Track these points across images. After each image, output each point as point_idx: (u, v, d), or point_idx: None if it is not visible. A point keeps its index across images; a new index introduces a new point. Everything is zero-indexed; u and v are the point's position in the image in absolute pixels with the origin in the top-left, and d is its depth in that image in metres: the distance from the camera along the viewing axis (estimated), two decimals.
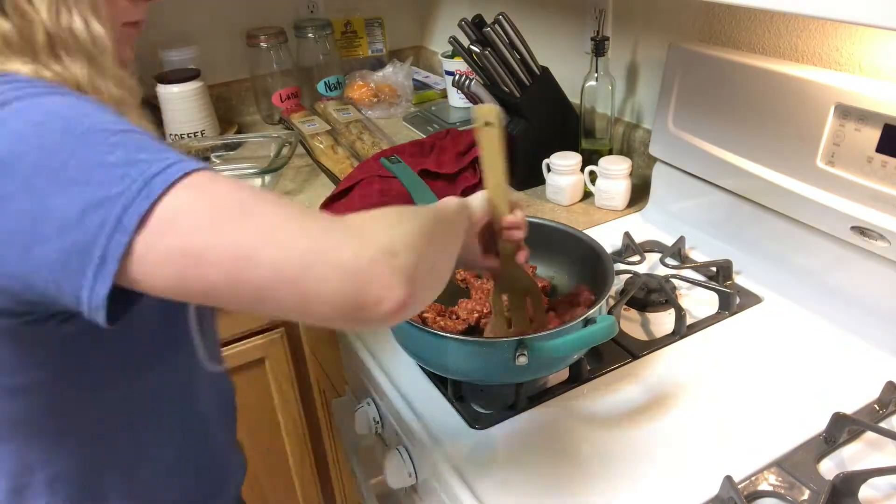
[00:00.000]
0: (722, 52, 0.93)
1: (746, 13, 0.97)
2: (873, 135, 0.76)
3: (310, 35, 1.68)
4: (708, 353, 0.82)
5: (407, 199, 1.21)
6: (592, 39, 1.12)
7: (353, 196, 1.19)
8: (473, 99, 1.20)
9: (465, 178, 1.23)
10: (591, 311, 0.70)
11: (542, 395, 0.77)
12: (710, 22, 1.03)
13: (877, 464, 0.65)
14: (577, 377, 0.79)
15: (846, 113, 0.78)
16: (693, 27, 1.07)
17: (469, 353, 0.70)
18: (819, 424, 0.69)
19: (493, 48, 1.10)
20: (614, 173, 1.12)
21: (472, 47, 1.12)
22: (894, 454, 0.67)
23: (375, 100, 1.68)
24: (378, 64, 1.82)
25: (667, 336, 0.85)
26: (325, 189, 1.30)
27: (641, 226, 1.10)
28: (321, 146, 1.45)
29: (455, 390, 0.77)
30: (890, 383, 0.72)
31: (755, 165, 0.90)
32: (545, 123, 1.19)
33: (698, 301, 0.91)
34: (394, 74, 1.72)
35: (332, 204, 1.20)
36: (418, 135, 1.53)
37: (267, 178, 1.28)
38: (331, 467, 1.38)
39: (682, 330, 0.84)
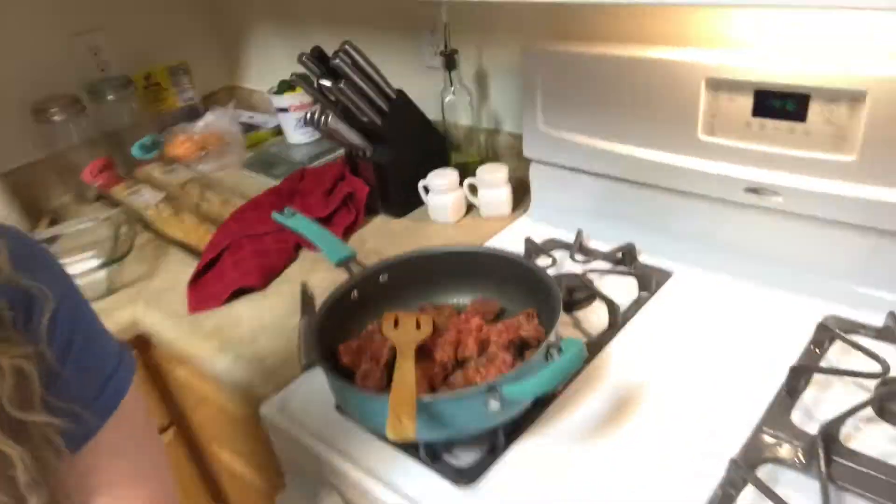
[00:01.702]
0: (580, 47, 0.95)
1: (592, 7, 1.00)
2: (746, 102, 0.81)
3: (109, 97, 1.49)
4: (649, 339, 0.82)
5: (287, 253, 1.11)
6: (442, 54, 1.09)
7: (224, 265, 1.07)
8: (332, 135, 1.12)
9: (342, 216, 1.16)
10: (550, 339, 0.67)
11: (516, 429, 0.73)
12: (556, 19, 1.05)
13: (833, 401, 0.69)
14: (541, 399, 0.76)
15: (717, 85, 0.83)
16: (535, 26, 1.09)
17: (439, 412, 0.64)
18: (773, 380, 0.72)
19: (347, 80, 1.04)
20: (494, 182, 1.11)
21: (322, 82, 1.05)
22: (843, 389, 0.72)
23: (203, 153, 1.53)
24: (194, 113, 1.66)
25: (605, 332, 0.84)
26: (184, 265, 1.16)
27: (533, 227, 1.09)
28: (162, 216, 1.29)
29: (428, 451, 0.70)
30: (820, 325, 0.77)
31: (637, 149, 0.93)
32: (412, 146, 1.15)
33: (615, 288, 0.92)
34: (217, 121, 1.57)
35: (201, 279, 1.06)
36: (266, 180, 1.42)
37: (114, 267, 1.10)
38: None
39: (618, 321, 0.85)
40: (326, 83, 1.04)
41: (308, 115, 1.10)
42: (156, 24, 1.63)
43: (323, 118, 1.08)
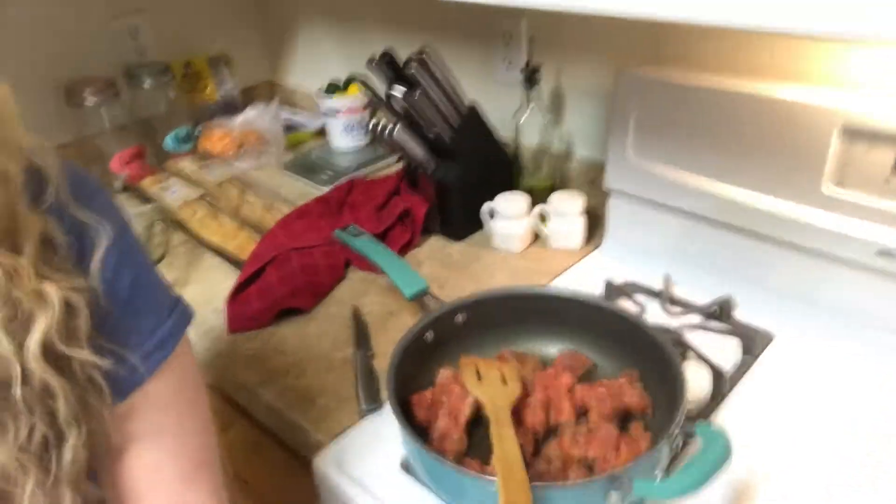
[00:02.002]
0: (688, 76, 0.86)
1: (699, 31, 0.91)
2: (888, 155, 0.71)
3: (146, 83, 1.40)
4: (760, 414, 0.73)
5: (338, 271, 1.01)
6: (522, 71, 1.00)
7: (269, 280, 0.97)
8: (394, 147, 1.03)
9: (397, 235, 1.06)
10: (677, 423, 0.57)
11: None
12: (654, 42, 0.96)
13: None
14: None
15: (853, 134, 0.73)
16: (628, 47, 0.99)
17: (546, 499, 0.54)
18: None
19: (421, 89, 0.94)
20: (569, 211, 1.01)
21: (393, 91, 0.95)
22: None
23: (241, 150, 1.44)
24: (231, 107, 1.57)
25: (709, 402, 0.74)
26: (220, 273, 1.06)
27: (607, 265, 0.99)
28: (196, 216, 1.19)
29: None
30: None
31: (744, 192, 0.83)
32: (479, 165, 1.06)
33: (712, 348, 0.82)
34: (258, 118, 1.47)
35: (242, 294, 0.97)
36: (307, 186, 1.32)
37: None
38: None
39: (724, 390, 0.75)
40: (398, 92, 0.94)
41: (373, 124, 1.00)
42: (198, 10, 1.54)
43: (389, 128, 0.98)
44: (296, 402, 0.79)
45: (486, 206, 1.05)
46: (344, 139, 1.40)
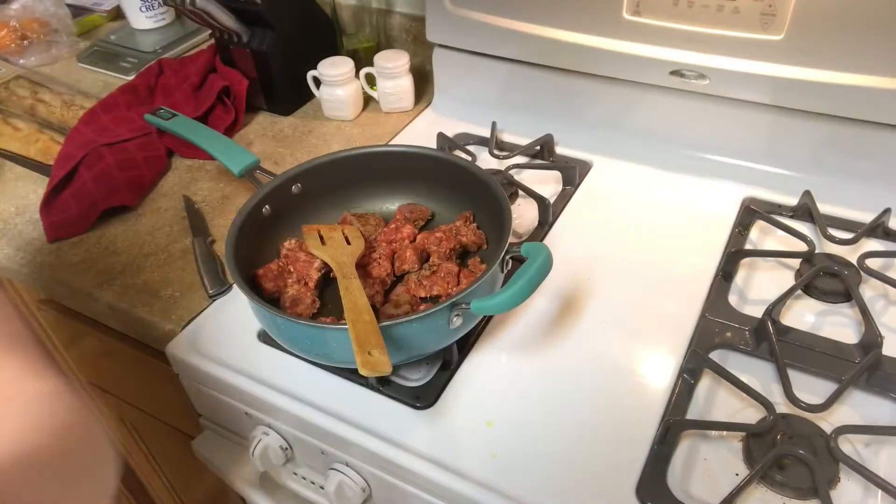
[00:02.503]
0: None
1: None
2: None
3: None
4: (581, 234, 0.80)
5: (160, 163, 0.95)
6: None
7: (83, 181, 0.90)
8: (202, 18, 0.95)
9: (219, 116, 1.01)
10: (505, 248, 0.62)
11: (465, 340, 0.68)
12: None
13: (760, 281, 0.72)
14: None
15: None
16: None
17: (397, 335, 0.58)
18: (706, 264, 0.74)
19: None
20: (396, 71, 1.00)
21: None
22: (767, 268, 0.74)
23: (25, 42, 1.26)
24: None
25: (536, 230, 0.81)
26: (27, 183, 0.97)
27: (440, 121, 1.01)
28: None
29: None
30: (743, 207, 0.79)
31: (555, 30, 0.87)
32: (297, 29, 1.00)
33: (537, 183, 0.88)
34: (38, 3, 1.29)
35: (56, 200, 0.89)
36: (112, 76, 1.20)
37: None
38: None
39: (549, 218, 0.81)
40: None
41: None
42: None
43: None
44: (138, 298, 0.77)
45: (310, 74, 1.01)
46: (144, 18, 1.27)
